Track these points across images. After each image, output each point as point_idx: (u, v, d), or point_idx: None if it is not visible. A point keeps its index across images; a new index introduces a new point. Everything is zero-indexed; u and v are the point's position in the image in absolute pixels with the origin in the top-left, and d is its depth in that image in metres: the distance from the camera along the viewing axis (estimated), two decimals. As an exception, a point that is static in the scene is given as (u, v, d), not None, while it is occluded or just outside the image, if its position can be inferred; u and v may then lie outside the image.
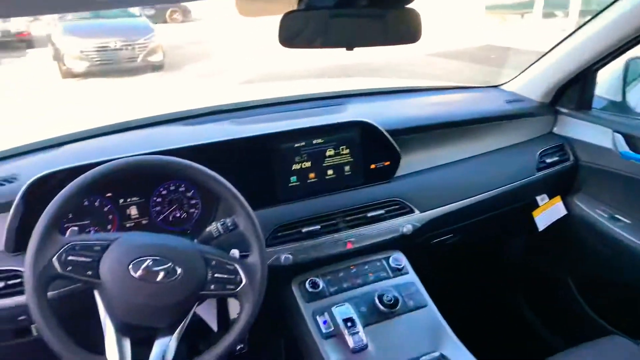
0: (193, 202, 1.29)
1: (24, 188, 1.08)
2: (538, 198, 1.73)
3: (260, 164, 1.31)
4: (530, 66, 1.82)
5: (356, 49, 0.92)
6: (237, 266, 1.01)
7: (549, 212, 1.75)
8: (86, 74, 7.57)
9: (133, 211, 1.23)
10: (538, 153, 1.70)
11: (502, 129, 1.71)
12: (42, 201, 0.97)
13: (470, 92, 1.97)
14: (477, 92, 1.96)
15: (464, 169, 1.60)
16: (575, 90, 1.73)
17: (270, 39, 0.94)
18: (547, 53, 1.73)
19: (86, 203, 1.18)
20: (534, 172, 1.68)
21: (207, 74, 7.53)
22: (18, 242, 1.08)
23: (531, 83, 1.82)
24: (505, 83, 1.93)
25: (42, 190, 1.08)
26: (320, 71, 6.56)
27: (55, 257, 0.91)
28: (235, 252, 1.07)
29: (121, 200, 1.21)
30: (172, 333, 0.98)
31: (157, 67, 8.07)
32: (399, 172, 1.48)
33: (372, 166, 1.43)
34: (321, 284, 1.33)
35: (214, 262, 1.00)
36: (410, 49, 1.35)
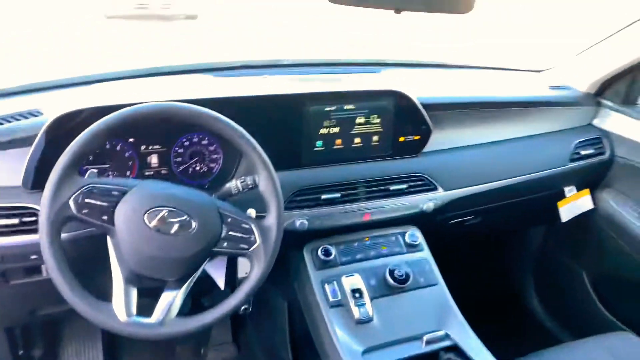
0: (214, 156, 1.27)
1: (47, 123, 1.05)
2: (566, 189, 1.69)
3: (288, 124, 1.27)
4: (579, 53, 1.74)
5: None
6: (253, 226, 0.99)
7: (575, 204, 1.72)
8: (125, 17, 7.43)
9: (154, 159, 1.21)
10: (574, 144, 1.65)
11: (541, 116, 1.65)
12: (65, 139, 0.94)
13: (514, 74, 1.90)
14: (520, 75, 1.89)
15: (495, 152, 1.55)
16: (623, 84, 1.67)
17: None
18: (599, 43, 1.65)
19: (108, 146, 1.16)
20: (566, 163, 1.64)
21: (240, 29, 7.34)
22: (36, 179, 1.06)
23: (578, 71, 1.74)
24: (551, 68, 1.85)
25: (65, 127, 1.05)
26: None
27: (72, 198, 0.90)
28: (251, 212, 1.05)
29: (143, 147, 1.19)
30: (179, 287, 0.97)
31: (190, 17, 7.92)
32: (428, 148, 1.44)
33: (401, 139, 1.39)
34: (333, 253, 1.32)
35: (229, 220, 0.98)
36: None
